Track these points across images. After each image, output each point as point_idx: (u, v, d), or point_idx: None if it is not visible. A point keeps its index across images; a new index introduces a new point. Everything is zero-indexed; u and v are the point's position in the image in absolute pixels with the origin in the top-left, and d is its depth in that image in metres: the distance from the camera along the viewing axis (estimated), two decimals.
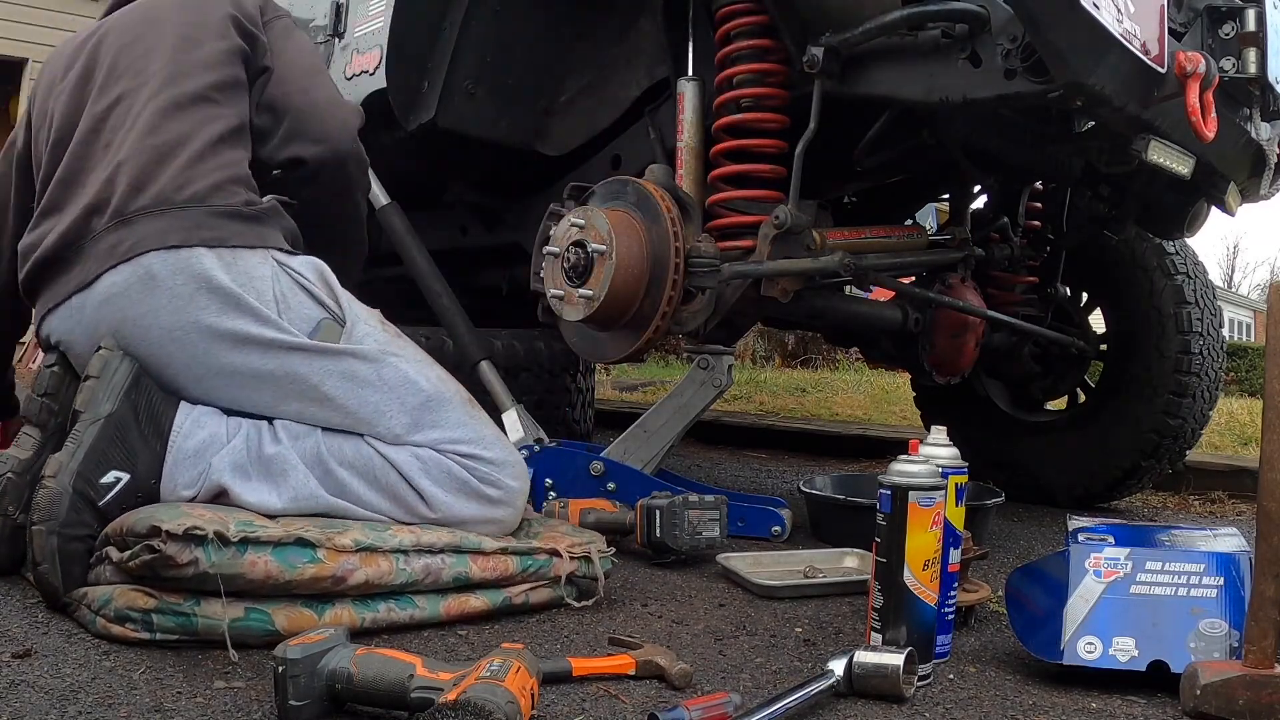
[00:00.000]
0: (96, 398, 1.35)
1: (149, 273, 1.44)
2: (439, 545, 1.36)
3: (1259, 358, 11.47)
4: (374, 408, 1.45)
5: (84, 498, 1.29)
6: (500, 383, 2.22)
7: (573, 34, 2.35)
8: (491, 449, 1.49)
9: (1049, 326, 2.63)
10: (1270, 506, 1.14)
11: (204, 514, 1.23)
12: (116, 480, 1.32)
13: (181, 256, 1.44)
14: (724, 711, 1.05)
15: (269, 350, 1.44)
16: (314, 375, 1.45)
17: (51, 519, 1.26)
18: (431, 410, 1.48)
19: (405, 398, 1.47)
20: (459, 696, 0.93)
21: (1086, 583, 1.28)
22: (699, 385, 2.13)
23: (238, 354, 1.44)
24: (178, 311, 1.43)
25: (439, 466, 1.44)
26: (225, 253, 1.47)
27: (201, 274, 1.44)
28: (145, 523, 1.20)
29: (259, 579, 1.20)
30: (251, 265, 1.48)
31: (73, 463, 1.30)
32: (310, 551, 1.24)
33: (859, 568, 1.76)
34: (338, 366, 1.46)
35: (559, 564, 1.44)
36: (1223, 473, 3.13)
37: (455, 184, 2.76)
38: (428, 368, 1.53)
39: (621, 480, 2.07)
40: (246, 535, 1.21)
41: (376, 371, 1.47)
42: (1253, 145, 1.97)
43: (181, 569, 1.17)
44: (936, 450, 1.32)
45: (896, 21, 1.68)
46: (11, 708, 0.99)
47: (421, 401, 1.48)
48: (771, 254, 1.90)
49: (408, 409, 1.46)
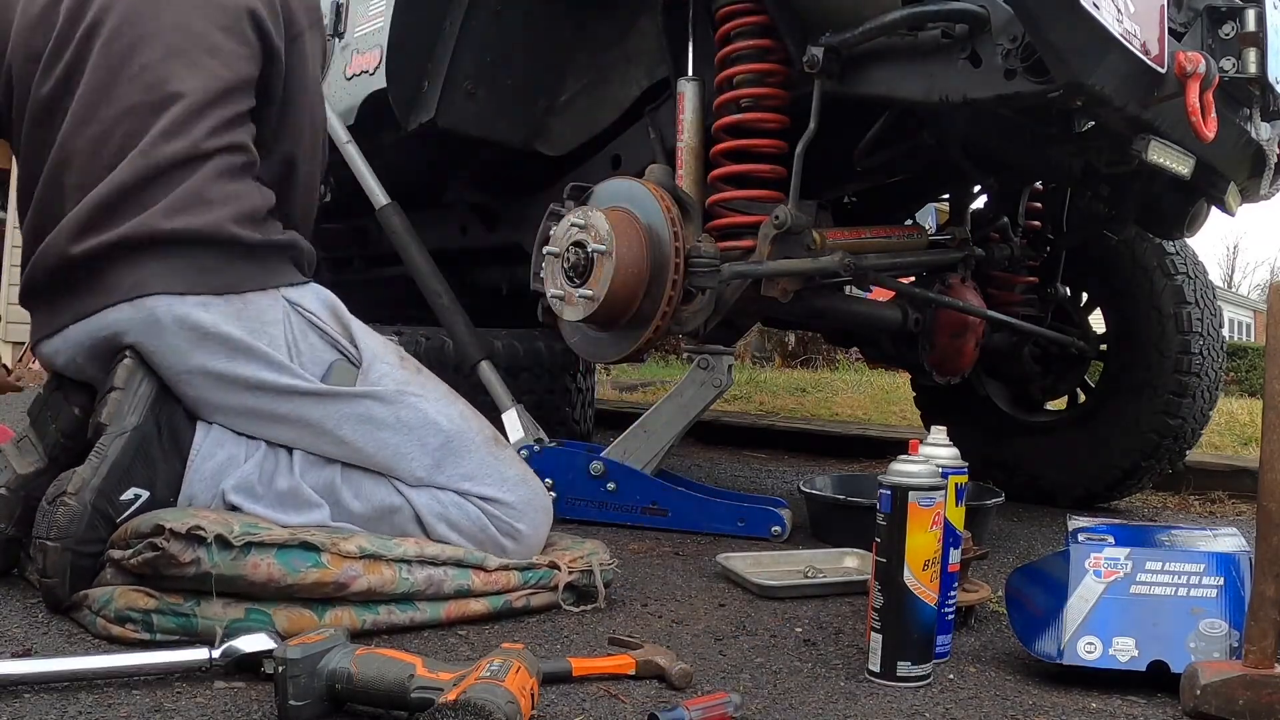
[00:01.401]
0: (122, 410, 1.32)
1: (153, 316, 1.38)
2: (442, 558, 1.35)
3: (1259, 358, 11.47)
4: (393, 450, 1.42)
5: (102, 515, 1.26)
6: (500, 382, 2.22)
7: (573, 34, 2.35)
8: (514, 492, 1.47)
9: (1049, 326, 2.63)
10: (1270, 506, 1.14)
11: (209, 515, 1.23)
12: (136, 497, 1.30)
13: (188, 304, 1.38)
14: (724, 711, 1.05)
15: (281, 396, 1.40)
16: (329, 421, 1.41)
17: (68, 536, 1.23)
18: (453, 451, 1.45)
19: (425, 439, 1.44)
20: (459, 696, 0.92)
21: (1086, 583, 1.28)
22: (699, 385, 2.13)
23: (250, 397, 1.40)
24: (185, 356, 1.38)
25: (459, 509, 1.43)
26: (235, 299, 1.41)
27: (210, 324, 1.38)
28: (150, 522, 1.20)
29: (261, 581, 1.20)
30: (262, 309, 1.43)
31: (96, 479, 1.27)
32: (314, 555, 1.24)
33: (859, 568, 1.76)
34: (354, 410, 1.42)
35: (559, 577, 1.44)
36: (1223, 473, 3.13)
37: (455, 184, 2.76)
38: (448, 405, 1.50)
39: (621, 480, 2.07)
40: (250, 538, 1.20)
41: (395, 413, 1.43)
42: (1253, 145, 1.97)
43: (183, 568, 1.17)
44: (936, 450, 1.32)
45: (896, 21, 1.68)
46: (11, 708, 0.99)
47: (442, 442, 1.45)
48: (771, 254, 1.90)
49: (429, 450, 1.44)
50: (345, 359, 1.48)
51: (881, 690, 1.19)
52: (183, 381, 1.40)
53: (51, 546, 1.24)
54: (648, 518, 2.07)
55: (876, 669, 1.21)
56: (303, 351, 1.45)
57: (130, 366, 1.35)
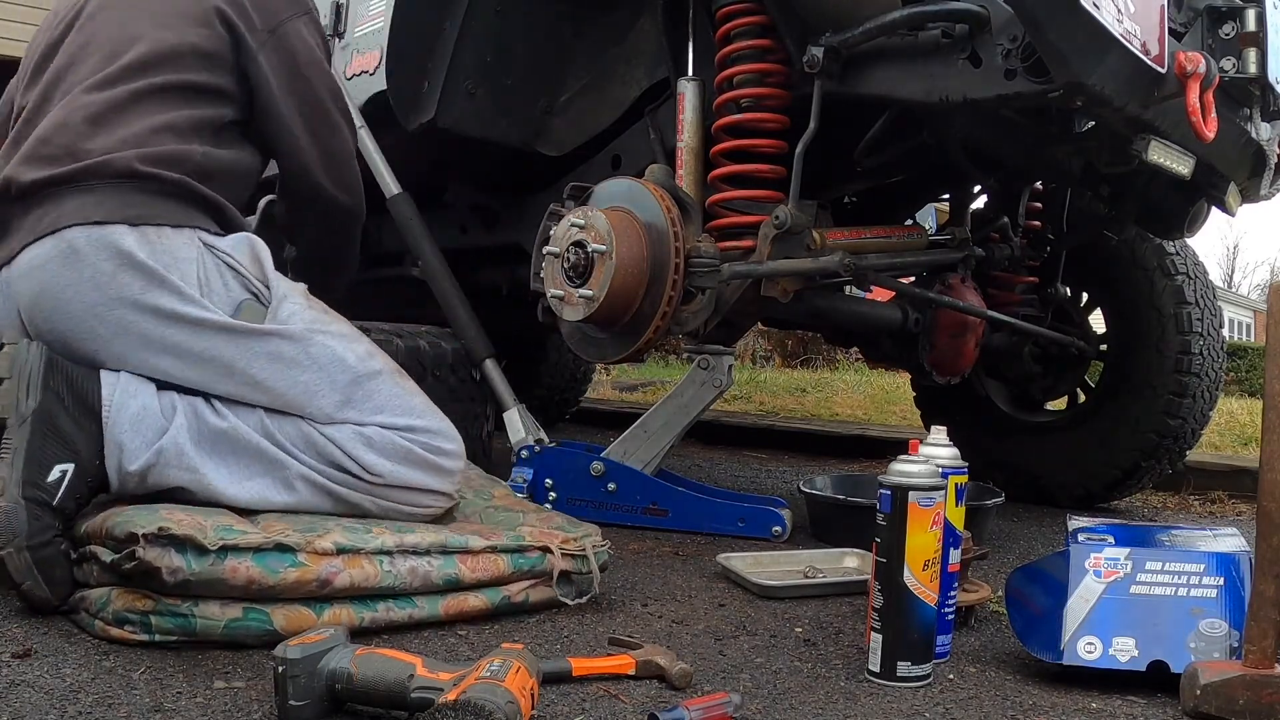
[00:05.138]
0: (17, 398, 1.31)
1: (71, 247, 1.40)
2: (424, 545, 1.34)
3: (1259, 358, 11.46)
4: (304, 388, 1.44)
5: (37, 503, 1.26)
6: (503, 381, 2.22)
7: (573, 34, 2.35)
8: (425, 418, 1.49)
9: (1049, 326, 2.63)
10: (1270, 506, 1.14)
11: (177, 516, 1.22)
12: (63, 474, 1.29)
13: (104, 232, 1.41)
14: (724, 711, 1.05)
15: (196, 329, 1.41)
16: (240, 359, 1.42)
17: (16, 537, 1.23)
18: (361, 385, 1.47)
19: (335, 375, 1.46)
20: (459, 696, 0.92)
21: (1086, 583, 1.28)
22: (699, 385, 2.13)
23: (165, 328, 1.41)
24: (100, 287, 1.40)
25: (382, 439, 1.44)
26: (149, 230, 1.44)
27: (123, 251, 1.40)
28: (122, 527, 1.20)
29: (241, 584, 1.19)
30: (176, 245, 1.45)
31: (14, 473, 1.26)
32: (290, 556, 1.23)
33: (859, 568, 1.76)
34: (264, 347, 1.44)
35: (552, 560, 1.42)
36: (1223, 473, 3.13)
37: (455, 184, 2.76)
38: (355, 342, 1.52)
39: (621, 480, 2.07)
40: (225, 542, 1.19)
41: (304, 350, 1.46)
42: (1253, 145, 1.97)
43: (163, 578, 1.16)
44: (936, 450, 1.32)
45: (896, 21, 1.68)
46: (11, 708, 0.99)
47: (351, 379, 1.47)
48: (771, 254, 1.90)
49: (338, 387, 1.46)
50: (255, 298, 1.49)
51: (881, 690, 1.19)
52: (96, 316, 1.39)
53: (6, 553, 1.23)
54: (648, 518, 2.07)
55: (876, 669, 1.21)
56: (214, 289, 1.46)
57: (9, 351, 1.33)
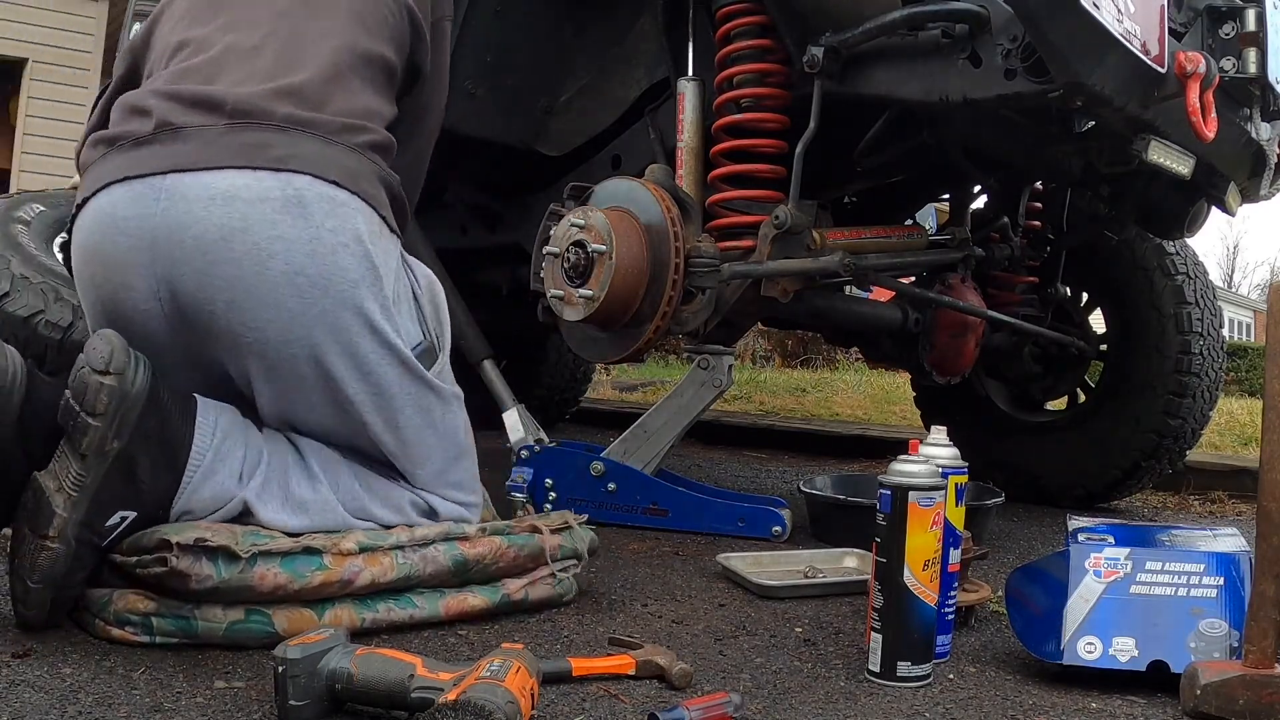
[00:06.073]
0: (105, 433, 1.15)
1: (299, 196, 1.19)
2: (431, 538, 1.36)
3: (1259, 358, 11.46)
4: (427, 451, 1.40)
5: (87, 545, 1.17)
6: (502, 382, 2.22)
7: (573, 34, 2.35)
8: (477, 494, 1.50)
9: (1049, 326, 2.63)
10: (1270, 506, 1.14)
11: (211, 526, 1.22)
12: (122, 520, 1.19)
13: (338, 198, 1.22)
14: (724, 711, 1.05)
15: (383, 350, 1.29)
16: (398, 399, 1.34)
17: (52, 580, 1.15)
18: (459, 461, 1.46)
19: (449, 447, 1.43)
20: (459, 696, 0.93)
21: (1086, 583, 1.28)
22: (699, 385, 2.13)
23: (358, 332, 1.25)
24: (317, 257, 1.20)
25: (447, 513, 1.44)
26: (375, 220, 1.27)
27: (358, 236, 1.22)
28: (153, 537, 1.19)
29: (268, 590, 1.20)
30: (389, 248, 1.30)
31: (76, 514, 1.14)
32: (318, 559, 1.24)
33: (859, 568, 1.76)
34: (421, 398, 1.37)
35: (544, 538, 1.43)
36: (1223, 473, 3.13)
37: (455, 184, 2.76)
38: (463, 410, 1.48)
39: (622, 480, 2.07)
40: (259, 548, 1.20)
41: (443, 414, 1.41)
42: (1253, 145, 1.97)
43: (192, 585, 1.16)
44: (936, 450, 1.32)
45: (896, 21, 1.68)
46: (11, 708, 0.99)
47: (458, 453, 1.45)
48: (771, 254, 1.90)
49: (448, 458, 1.43)
50: (431, 344, 1.42)
51: (881, 690, 1.19)
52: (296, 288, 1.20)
53: (34, 587, 1.15)
54: (648, 518, 2.07)
55: (876, 669, 1.21)
56: (402, 313, 1.36)
57: (113, 389, 1.14)
